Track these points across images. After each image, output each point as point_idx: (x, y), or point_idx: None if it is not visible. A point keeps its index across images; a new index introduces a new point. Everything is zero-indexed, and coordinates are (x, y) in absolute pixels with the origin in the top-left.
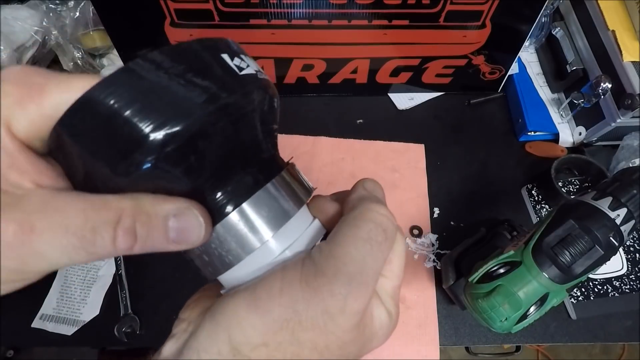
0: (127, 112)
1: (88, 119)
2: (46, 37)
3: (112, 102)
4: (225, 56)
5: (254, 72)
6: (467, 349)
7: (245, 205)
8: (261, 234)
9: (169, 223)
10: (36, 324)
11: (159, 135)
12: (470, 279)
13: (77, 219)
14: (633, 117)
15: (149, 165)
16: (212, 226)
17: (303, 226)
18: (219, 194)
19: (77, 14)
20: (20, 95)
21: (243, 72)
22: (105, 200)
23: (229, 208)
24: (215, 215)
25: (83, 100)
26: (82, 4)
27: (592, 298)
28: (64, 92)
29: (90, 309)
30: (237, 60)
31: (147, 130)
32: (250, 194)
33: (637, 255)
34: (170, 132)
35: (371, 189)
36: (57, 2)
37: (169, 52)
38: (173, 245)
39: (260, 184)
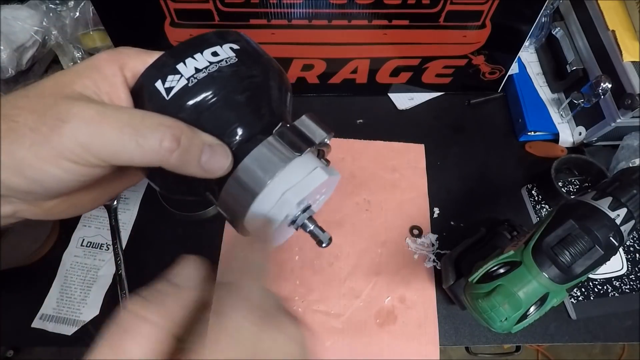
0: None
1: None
2: (46, 37)
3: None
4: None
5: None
6: (467, 349)
7: (252, 154)
8: (263, 179)
9: (205, 148)
10: (36, 324)
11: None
12: (470, 279)
13: (137, 117)
14: (633, 117)
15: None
16: (233, 163)
17: (304, 172)
18: (238, 142)
19: (77, 14)
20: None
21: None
22: (164, 116)
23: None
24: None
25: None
26: (82, 4)
27: (592, 298)
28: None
29: (90, 309)
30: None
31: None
32: (257, 143)
33: (637, 255)
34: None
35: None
36: (57, 2)
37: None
38: (201, 169)
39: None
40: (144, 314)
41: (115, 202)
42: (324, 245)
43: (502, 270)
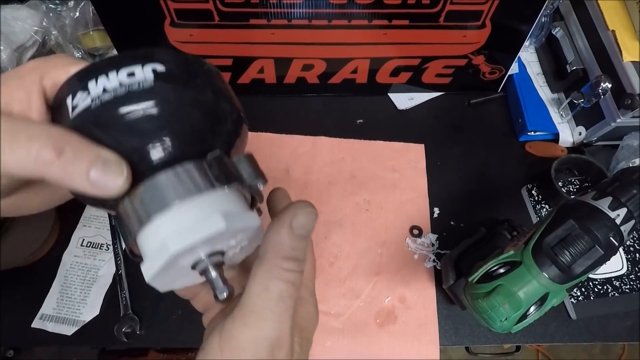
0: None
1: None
2: (46, 37)
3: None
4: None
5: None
6: (467, 349)
7: (159, 176)
8: (150, 212)
9: (97, 163)
10: (36, 324)
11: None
12: (470, 279)
13: (21, 126)
14: (633, 117)
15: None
16: (130, 183)
17: (204, 213)
18: (150, 166)
19: (77, 14)
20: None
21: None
22: (54, 127)
23: (149, 174)
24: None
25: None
26: (82, 4)
27: (592, 298)
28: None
29: (90, 309)
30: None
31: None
32: (167, 167)
33: (637, 255)
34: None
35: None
36: (57, 2)
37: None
38: (88, 185)
39: (176, 164)
40: None
41: None
42: (219, 299)
43: (502, 270)
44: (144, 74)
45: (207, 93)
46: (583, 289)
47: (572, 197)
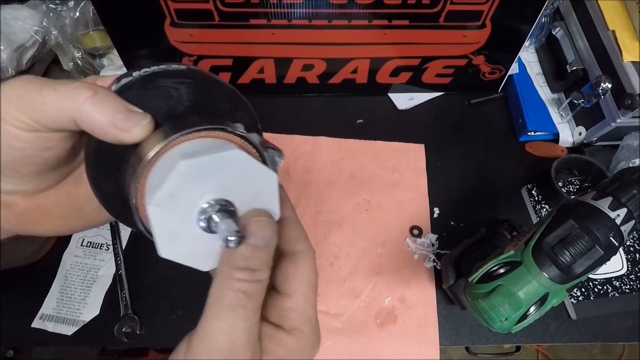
0: None
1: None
2: (46, 37)
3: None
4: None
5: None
6: (467, 349)
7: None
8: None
9: (123, 108)
10: (36, 324)
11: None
12: (470, 279)
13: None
14: (633, 117)
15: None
16: (151, 130)
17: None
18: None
19: (77, 14)
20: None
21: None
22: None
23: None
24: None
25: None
26: (82, 4)
27: (592, 298)
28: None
29: (90, 309)
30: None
31: None
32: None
33: (637, 255)
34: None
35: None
36: (57, 2)
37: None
38: (114, 128)
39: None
40: None
41: None
42: (228, 246)
43: (502, 270)
44: (175, 65)
45: (227, 90)
46: (583, 289)
47: (572, 197)
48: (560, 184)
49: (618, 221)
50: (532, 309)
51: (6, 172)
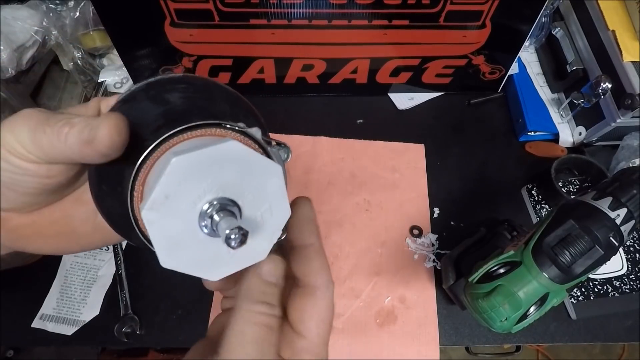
0: None
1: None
2: (46, 37)
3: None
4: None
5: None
6: (467, 349)
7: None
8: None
9: (87, 126)
10: (36, 324)
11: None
12: (470, 279)
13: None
14: (633, 117)
15: None
16: (123, 126)
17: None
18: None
19: (77, 14)
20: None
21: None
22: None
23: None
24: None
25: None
26: (82, 4)
27: (592, 298)
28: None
29: (90, 309)
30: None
31: None
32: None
33: (637, 255)
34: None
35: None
36: (57, 2)
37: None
38: (87, 145)
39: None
40: None
41: None
42: (230, 246)
43: (502, 270)
44: (174, 74)
45: (226, 91)
46: (583, 289)
47: (572, 197)
48: (560, 184)
49: (618, 221)
50: (532, 309)
51: (4, 191)
